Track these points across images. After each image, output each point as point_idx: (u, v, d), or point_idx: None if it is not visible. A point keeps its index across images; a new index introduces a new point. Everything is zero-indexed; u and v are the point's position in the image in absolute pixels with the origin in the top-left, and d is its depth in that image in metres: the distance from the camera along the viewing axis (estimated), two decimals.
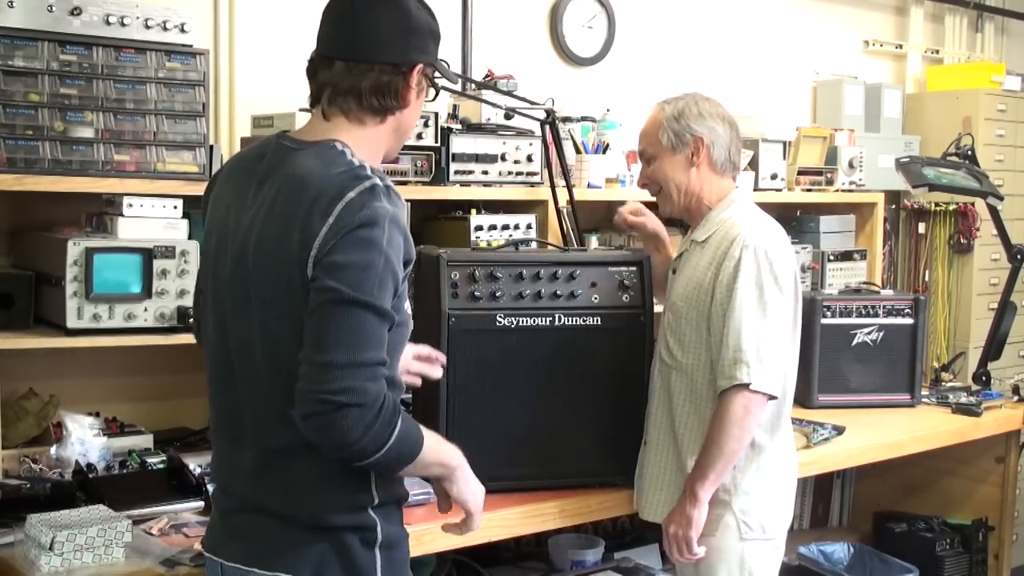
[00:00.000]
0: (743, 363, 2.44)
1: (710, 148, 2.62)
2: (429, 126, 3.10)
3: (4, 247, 2.83)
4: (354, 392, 1.66)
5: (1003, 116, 5.06)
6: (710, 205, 2.65)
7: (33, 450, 2.66)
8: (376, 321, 1.70)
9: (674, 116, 2.63)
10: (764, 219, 2.63)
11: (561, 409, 2.66)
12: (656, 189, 2.70)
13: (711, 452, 2.47)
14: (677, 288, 2.64)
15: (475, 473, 2.58)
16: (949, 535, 3.80)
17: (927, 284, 5.08)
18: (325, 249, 1.70)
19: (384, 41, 1.84)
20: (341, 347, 1.67)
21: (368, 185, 1.74)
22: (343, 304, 1.68)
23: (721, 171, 2.66)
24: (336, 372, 1.66)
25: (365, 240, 1.70)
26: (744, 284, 2.47)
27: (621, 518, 3.33)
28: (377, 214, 1.72)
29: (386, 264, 1.72)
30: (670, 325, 2.63)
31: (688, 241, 2.68)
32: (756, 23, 4.64)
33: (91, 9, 2.60)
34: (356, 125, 1.86)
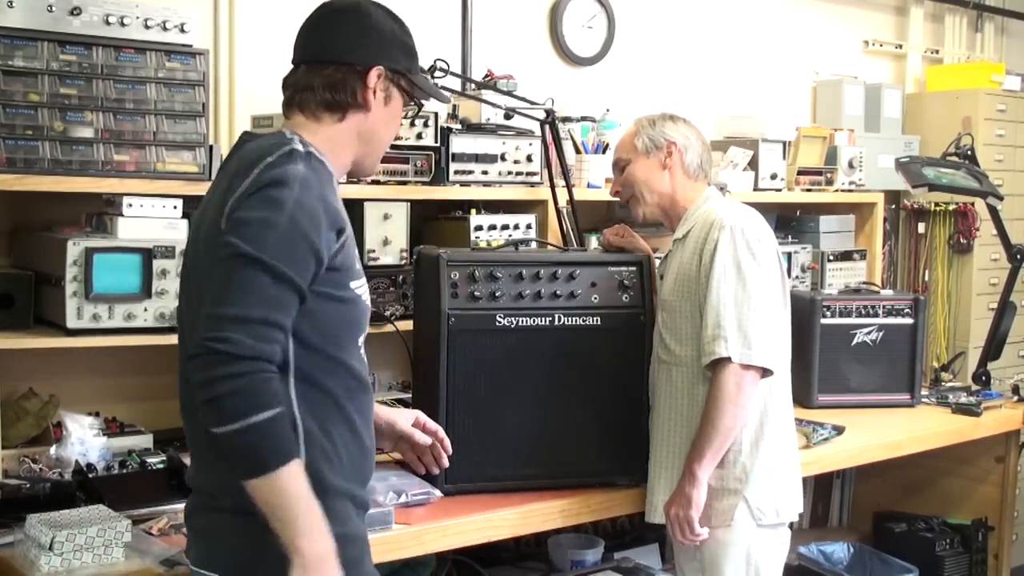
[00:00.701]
0: (721, 338, 2.47)
1: (683, 152, 2.69)
2: (429, 126, 3.10)
3: (4, 247, 2.83)
4: (231, 342, 1.63)
5: (1003, 116, 5.06)
6: (685, 205, 2.70)
7: (33, 450, 2.66)
8: (269, 281, 1.68)
9: (649, 123, 2.74)
10: (741, 207, 2.67)
11: (561, 409, 2.66)
12: (627, 195, 2.76)
13: (706, 430, 2.49)
14: (666, 286, 2.67)
15: (475, 473, 2.61)
16: (949, 535, 3.80)
17: (927, 284, 5.08)
18: (235, 207, 1.71)
19: (341, 43, 1.91)
20: (230, 301, 1.66)
21: (286, 149, 1.76)
22: (237, 259, 1.67)
23: (694, 176, 2.71)
24: (222, 323, 1.65)
25: (269, 199, 1.70)
26: (721, 260, 2.51)
27: (621, 518, 3.33)
28: (287, 174, 1.72)
29: (292, 225, 1.70)
30: (664, 323, 2.65)
31: (670, 242, 2.73)
32: (756, 23, 4.64)
33: (91, 9, 2.60)
34: (312, 121, 1.90)
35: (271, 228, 1.68)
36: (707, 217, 2.61)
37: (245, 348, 1.64)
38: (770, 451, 2.59)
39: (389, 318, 2.99)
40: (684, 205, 2.70)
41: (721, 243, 2.52)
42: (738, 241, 2.52)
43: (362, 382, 1.90)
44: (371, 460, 1.95)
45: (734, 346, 2.46)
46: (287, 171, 1.73)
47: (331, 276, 1.78)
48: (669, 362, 2.63)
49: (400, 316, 3.01)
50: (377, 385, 3.24)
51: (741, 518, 2.54)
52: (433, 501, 2.55)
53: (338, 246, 1.79)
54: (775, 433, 2.60)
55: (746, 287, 2.50)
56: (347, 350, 1.85)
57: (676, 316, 2.61)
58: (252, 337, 1.65)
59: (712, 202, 2.68)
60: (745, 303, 2.49)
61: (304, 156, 1.77)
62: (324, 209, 1.75)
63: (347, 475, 1.85)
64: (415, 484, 2.58)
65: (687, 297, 2.59)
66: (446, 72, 2.98)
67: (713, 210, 2.63)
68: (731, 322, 2.47)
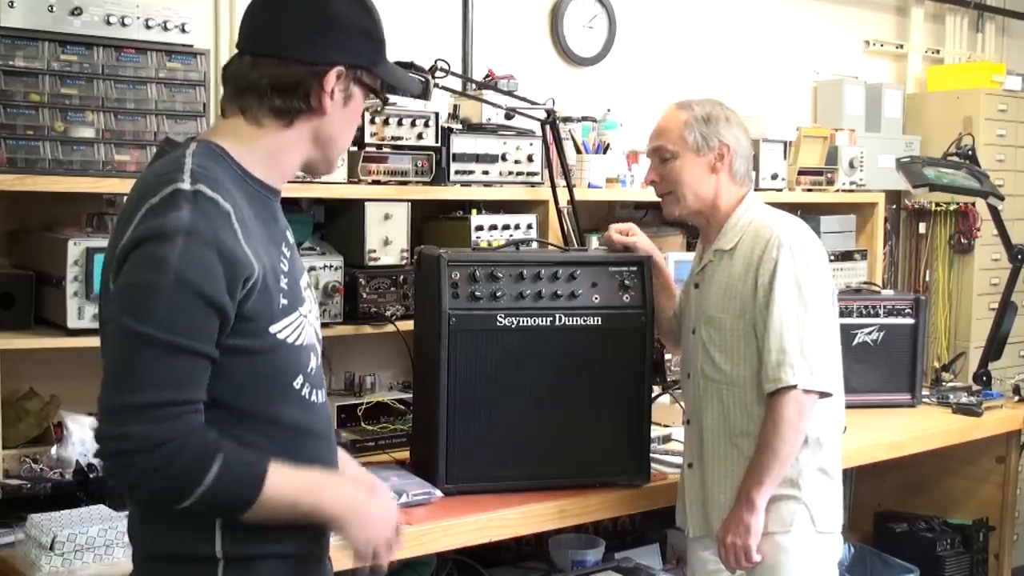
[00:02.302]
0: (787, 364, 2.38)
1: (734, 157, 2.55)
2: (430, 126, 3.10)
3: (4, 247, 2.83)
4: (131, 439, 1.46)
5: (1003, 116, 5.06)
6: (727, 212, 2.56)
7: (33, 450, 2.66)
8: (164, 355, 1.47)
9: (703, 118, 2.54)
10: (788, 217, 2.57)
11: (561, 409, 2.66)
12: (666, 190, 2.59)
13: (766, 457, 2.40)
14: (711, 300, 2.54)
15: (475, 473, 2.61)
16: (949, 535, 3.80)
17: (927, 284, 5.08)
18: (120, 262, 1.51)
19: (295, 34, 1.61)
20: (122, 387, 1.48)
21: (170, 190, 1.50)
22: (125, 334, 1.48)
23: (739, 182, 2.58)
24: (107, 415, 1.49)
25: (150, 258, 1.48)
26: (782, 283, 2.41)
27: (621, 518, 3.33)
28: (167, 226, 1.48)
29: (179, 285, 1.47)
30: (712, 340, 2.53)
31: (711, 252, 2.57)
32: (756, 23, 4.64)
33: (91, 9, 2.60)
34: (252, 125, 1.64)
35: (156, 293, 1.46)
36: (758, 231, 2.49)
37: (151, 439, 1.47)
38: (828, 456, 2.55)
39: (389, 318, 2.99)
40: (726, 212, 2.56)
41: (781, 263, 2.42)
42: (798, 261, 2.43)
43: (298, 429, 1.66)
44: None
45: (800, 373, 2.38)
46: (167, 222, 1.48)
47: (240, 327, 1.54)
48: (719, 381, 2.52)
49: (400, 316, 3.01)
50: (377, 385, 3.24)
51: (801, 523, 2.47)
52: (433, 501, 2.55)
53: (242, 294, 1.53)
54: (832, 438, 2.56)
55: (808, 309, 2.42)
56: (270, 401, 1.62)
57: (726, 334, 2.50)
58: (154, 422, 1.47)
59: (756, 211, 2.55)
60: (808, 326, 2.41)
61: (190, 197, 1.50)
62: (220, 258, 1.50)
63: (286, 533, 1.63)
64: (415, 484, 2.58)
65: (740, 315, 2.48)
66: (447, 72, 2.98)
67: (763, 223, 2.50)
68: (795, 347, 2.39)
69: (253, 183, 1.64)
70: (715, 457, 2.54)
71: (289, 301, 1.62)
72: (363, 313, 2.97)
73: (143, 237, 1.49)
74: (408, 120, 3.05)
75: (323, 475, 1.67)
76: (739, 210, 2.56)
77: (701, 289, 2.60)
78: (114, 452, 1.49)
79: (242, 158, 1.63)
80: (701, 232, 2.66)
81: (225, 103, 1.67)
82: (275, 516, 1.57)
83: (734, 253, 2.52)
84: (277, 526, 1.60)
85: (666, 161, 2.57)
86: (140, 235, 1.49)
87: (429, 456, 2.64)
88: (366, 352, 3.24)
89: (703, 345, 2.55)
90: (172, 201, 1.50)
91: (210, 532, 1.58)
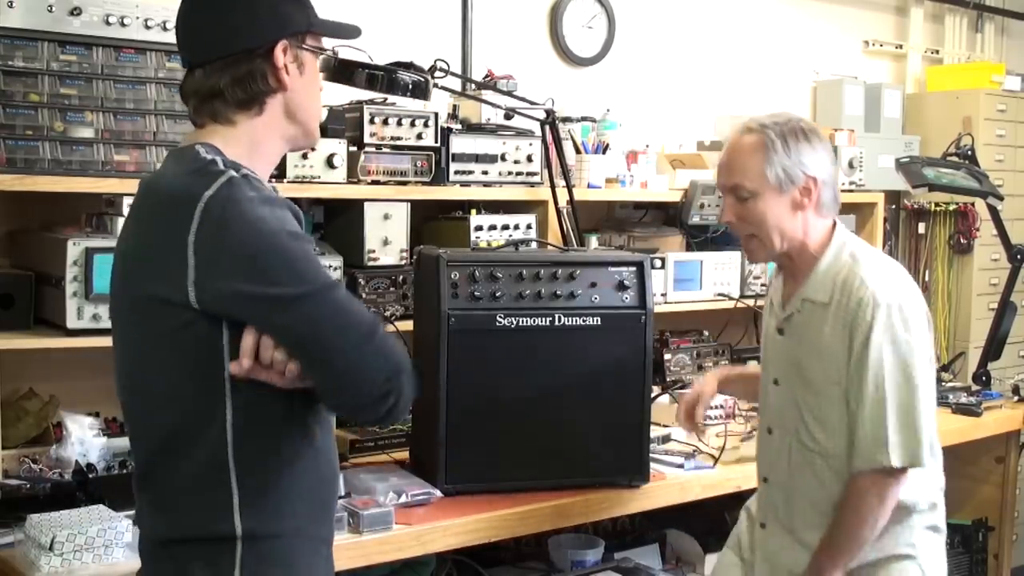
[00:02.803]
0: (884, 444, 2.17)
1: (822, 189, 2.27)
2: (429, 126, 3.10)
3: (4, 247, 2.83)
4: (399, 361, 1.67)
5: (1003, 116, 5.06)
6: (816, 251, 2.30)
7: (33, 450, 2.66)
8: (343, 293, 1.67)
9: (783, 145, 2.24)
10: (881, 262, 2.32)
11: (561, 409, 2.66)
12: (747, 232, 2.32)
13: (844, 539, 2.24)
14: (804, 358, 2.31)
15: (475, 473, 2.61)
16: (949, 535, 3.79)
17: (927, 284, 5.08)
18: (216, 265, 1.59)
19: (230, 30, 1.68)
20: (352, 334, 1.63)
21: (225, 179, 1.60)
22: (301, 302, 1.60)
23: (826, 213, 2.32)
24: (378, 361, 1.65)
25: (255, 231, 1.60)
26: (878, 350, 2.18)
27: (621, 518, 3.33)
28: (250, 205, 1.60)
29: (294, 240, 1.63)
30: (807, 403, 2.30)
31: (799, 300, 2.33)
32: (756, 23, 4.64)
33: (91, 9, 2.60)
34: (226, 126, 1.71)
35: (289, 255, 1.58)
36: (850, 283, 2.23)
37: (402, 357, 1.63)
38: (940, 515, 2.41)
39: (389, 318, 2.99)
40: (814, 251, 2.30)
41: (877, 327, 2.17)
42: (896, 325, 2.18)
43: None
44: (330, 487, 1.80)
45: (897, 453, 2.18)
46: (246, 202, 1.58)
47: None
48: (814, 451, 2.30)
49: (400, 316, 3.01)
50: None
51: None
52: (433, 501, 2.55)
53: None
54: (942, 498, 2.42)
55: (909, 380, 2.19)
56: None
57: (824, 401, 2.26)
58: (389, 345, 1.62)
59: (848, 253, 2.29)
60: (909, 398, 2.19)
61: (242, 181, 1.60)
62: (294, 215, 1.66)
63: (300, 509, 1.69)
64: (415, 484, 2.58)
65: (836, 381, 2.24)
66: (446, 72, 2.98)
67: (856, 274, 2.24)
68: (894, 424, 2.18)
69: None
70: (804, 524, 2.35)
71: None
72: None
73: (222, 221, 1.54)
74: (407, 120, 3.05)
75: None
76: (830, 252, 2.30)
77: (787, 338, 2.36)
78: (387, 383, 1.59)
79: (229, 155, 1.67)
80: (784, 270, 2.41)
81: (194, 117, 1.74)
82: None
83: (827, 308, 2.26)
84: (294, 501, 1.66)
85: (744, 200, 2.29)
86: (216, 222, 1.54)
87: (429, 456, 2.64)
88: None
89: (798, 408, 2.33)
90: (231, 187, 1.57)
91: (228, 509, 1.62)
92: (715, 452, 3.00)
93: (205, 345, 1.59)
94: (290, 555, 1.68)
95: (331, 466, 1.78)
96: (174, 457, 1.64)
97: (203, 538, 1.63)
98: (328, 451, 1.77)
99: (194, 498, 1.63)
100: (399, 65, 2.83)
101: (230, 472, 1.62)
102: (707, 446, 3.06)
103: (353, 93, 2.91)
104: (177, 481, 1.64)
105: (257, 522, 1.63)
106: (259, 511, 1.63)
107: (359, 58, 2.81)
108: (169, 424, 1.64)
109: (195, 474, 1.62)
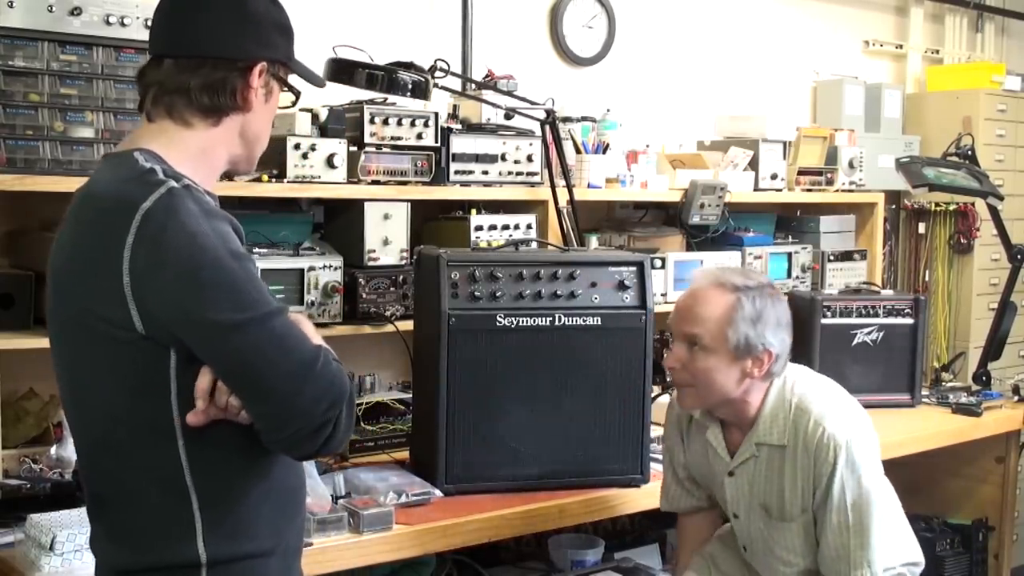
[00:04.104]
0: (864, 563, 2.26)
1: (775, 361, 2.30)
2: (429, 126, 3.10)
3: (4, 247, 2.83)
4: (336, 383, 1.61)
5: (1003, 116, 5.06)
6: (756, 405, 2.35)
7: (33, 450, 2.66)
8: (285, 320, 1.60)
9: (752, 319, 2.26)
10: (822, 391, 2.38)
11: (561, 409, 2.66)
12: (682, 381, 2.35)
13: None
14: (763, 496, 2.37)
15: (475, 473, 2.62)
16: (949, 535, 3.80)
17: (927, 284, 5.08)
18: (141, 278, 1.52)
19: (217, 34, 1.64)
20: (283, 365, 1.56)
21: (164, 190, 1.52)
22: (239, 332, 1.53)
23: (771, 376, 2.35)
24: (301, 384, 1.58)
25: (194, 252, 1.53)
26: (841, 486, 2.25)
27: (621, 518, 3.33)
28: (186, 219, 1.52)
29: (234, 261, 1.56)
30: (772, 534, 2.38)
31: (751, 445, 2.36)
32: (756, 23, 4.64)
33: (91, 9, 2.59)
34: (181, 126, 1.64)
35: (227, 279, 1.50)
36: (803, 424, 2.29)
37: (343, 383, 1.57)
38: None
39: (389, 318, 2.99)
40: (755, 405, 2.35)
41: (839, 468, 2.25)
42: (858, 460, 2.26)
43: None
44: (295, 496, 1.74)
45: (876, 570, 2.26)
46: (182, 216, 1.50)
47: None
48: (791, 568, 2.38)
49: (400, 316, 3.01)
50: (377, 385, 3.24)
51: None
52: (433, 501, 2.55)
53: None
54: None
55: (876, 494, 2.28)
56: None
57: (791, 528, 2.35)
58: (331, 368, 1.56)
59: (788, 388, 2.34)
60: (880, 517, 2.27)
61: (183, 192, 1.52)
62: (234, 229, 1.59)
63: (263, 528, 1.64)
64: (415, 484, 2.58)
65: (802, 509, 2.32)
66: (446, 72, 2.98)
67: (805, 412, 2.30)
68: (871, 545, 2.26)
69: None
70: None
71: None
72: (362, 313, 2.97)
73: (159, 238, 1.48)
74: (408, 120, 3.05)
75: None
76: (771, 395, 2.34)
77: (739, 479, 2.41)
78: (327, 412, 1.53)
79: (173, 159, 1.61)
80: (723, 418, 2.43)
81: (149, 107, 1.66)
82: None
83: (786, 449, 2.32)
84: (262, 520, 1.61)
85: (692, 350, 2.30)
86: (152, 238, 1.48)
87: (429, 456, 2.64)
88: (365, 352, 3.24)
89: (764, 537, 2.41)
90: (171, 197, 1.50)
91: (191, 536, 1.56)
92: None
93: (152, 367, 1.53)
94: (261, 574, 1.63)
95: (298, 476, 1.74)
96: (128, 483, 1.58)
97: (166, 566, 1.57)
98: (295, 460, 1.70)
99: (153, 526, 1.57)
100: (399, 65, 2.83)
101: (190, 497, 1.56)
102: None
103: (353, 93, 2.91)
104: (133, 508, 1.58)
105: (223, 546, 1.58)
106: (225, 534, 1.58)
107: (359, 58, 2.82)
108: (118, 448, 1.58)
109: (152, 502, 1.57)
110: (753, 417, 2.36)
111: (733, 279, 2.31)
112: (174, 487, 1.55)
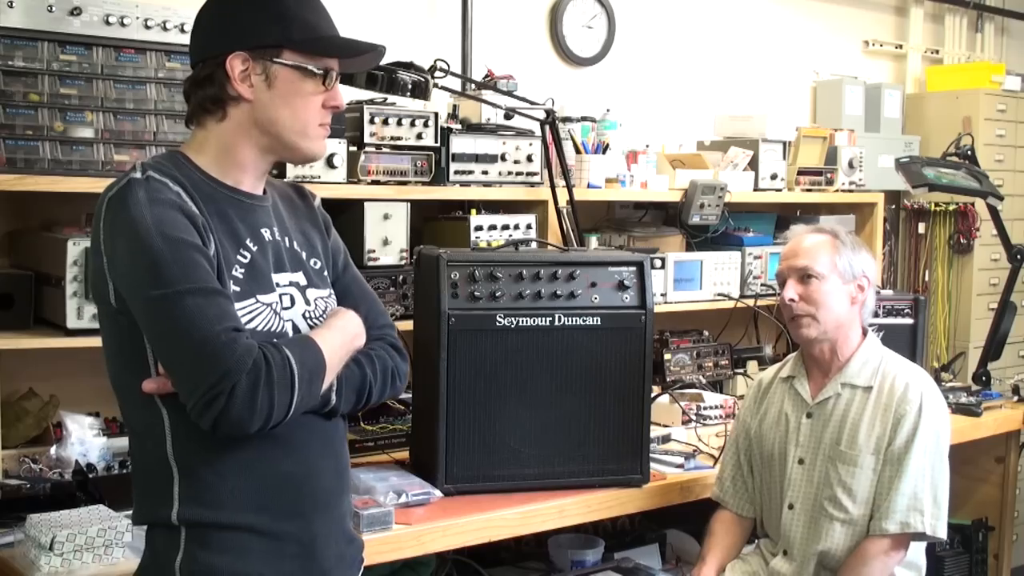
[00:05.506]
0: (918, 511, 2.49)
1: (868, 295, 2.63)
2: (429, 126, 3.10)
3: (4, 247, 2.83)
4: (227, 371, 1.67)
5: (1003, 116, 5.06)
6: (852, 347, 2.64)
7: (33, 450, 2.66)
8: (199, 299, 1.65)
9: (850, 250, 2.62)
10: (906, 361, 2.67)
11: (561, 409, 2.66)
12: (805, 311, 2.60)
13: None
14: (841, 436, 2.58)
15: (475, 473, 2.61)
16: (949, 535, 3.78)
17: (927, 284, 5.08)
18: (107, 259, 1.70)
19: (202, 38, 1.77)
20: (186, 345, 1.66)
21: (124, 181, 1.70)
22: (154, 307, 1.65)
23: (866, 319, 2.67)
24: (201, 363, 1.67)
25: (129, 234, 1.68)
26: (925, 435, 2.51)
27: (621, 518, 3.33)
28: (132, 207, 1.67)
29: (165, 241, 1.65)
30: (838, 480, 2.56)
31: (836, 384, 2.62)
32: (756, 23, 4.64)
33: (91, 9, 2.60)
34: (199, 128, 1.78)
35: (151, 258, 1.60)
36: (894, 373, 2.59)
37: (245, 363, 1.59)
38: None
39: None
40: (851, 347, 2.63)
41: (925, 416, 2.52)
42: (938, 415, 2.55)
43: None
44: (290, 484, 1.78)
45: (928, 521, 2.49)
46: (130, 203, 1.65)
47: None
48: (838, 519, 2.56)
49: (400, 316, 3.01)
50: None
51: None
52: (433, 501, 2.55)
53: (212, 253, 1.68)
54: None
55: (942, 458, 2.55)
56: None
57: (858, 473, 2.55)
58: (237, 348, 1.60)
59: (877, 349, 2.66)
60: (941, 476, 2.54)
61: (142, 182, 1.67)
62: (184, 215, 1.66)
63: (249, 503, 1.72)
64: (415, 484, 2.58)
65: (874, 451, 2.54)
66: (446, 72, 2.98)
67: (891, 364, 2.62)
68: (929, 496, 2.50)
69: (211, 183, 1.74)
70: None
71: (242, 289, 1.72)
72: None
73: (114, 222, 1.65)
74: (407, 120, 3.05)
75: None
76: (864, 346, 2.64)
77: (816, 420, 2.63)
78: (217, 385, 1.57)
79: (200, 161, 1.76)
80: (814, 360, 2.68)
81: (188, 121, 1.83)
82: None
83: (870, 391, 2.59)
84: (238, 495, 1.70)
85: (809, 282, 2.60)
86: (111, 222, 1.65)
87: (429, 456, 2.64)
88: None
89: (826, 482, 2.58)
90: (128, 188, 1.66)
91: (169, 494, 1.70)
92: (715, 452, 3.00)
93: (129, 339, 1.68)
94: (240, 548, 1.71)
95: (302, 463, 1.77)
96: (132, 445, 1.80)
97: (152, 523, 1.75)
98: (298, 447, 1.76)
99: (146, 485, 1.75)
100: (399, 65, 2.83)
101: (170, 462, 1.70)
102: (707, 446, 3.06)
103: (353, 93, 2.91)
104: (136, 467, 1.80)
105: (194, 510, 1.69)
106: (194, 500, 1.69)
107: None
108: (124, 414, 1.78)
109: (146, 461, 1.74)
110: (847, 358, 2.62)
111: (825, 227, 2.69)
112: (160, 451, 1.70)
